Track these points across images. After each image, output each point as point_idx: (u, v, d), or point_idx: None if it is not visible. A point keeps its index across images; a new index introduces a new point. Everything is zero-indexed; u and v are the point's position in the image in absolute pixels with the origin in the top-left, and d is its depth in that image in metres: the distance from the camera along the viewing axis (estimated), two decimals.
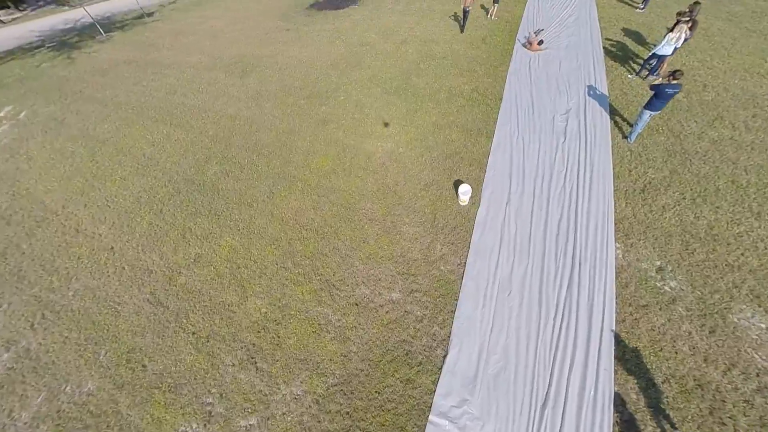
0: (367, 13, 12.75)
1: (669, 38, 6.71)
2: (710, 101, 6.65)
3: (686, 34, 6.72)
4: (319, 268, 4.78)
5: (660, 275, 4.34)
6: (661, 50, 6.91)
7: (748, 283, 4.14)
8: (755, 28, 9.11)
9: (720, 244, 4.50)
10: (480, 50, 9.35)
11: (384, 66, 9.06)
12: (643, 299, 4.15)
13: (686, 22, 6.73)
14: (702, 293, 4.14)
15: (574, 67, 8.17)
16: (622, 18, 10.52)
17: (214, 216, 5.68)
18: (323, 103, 7.90)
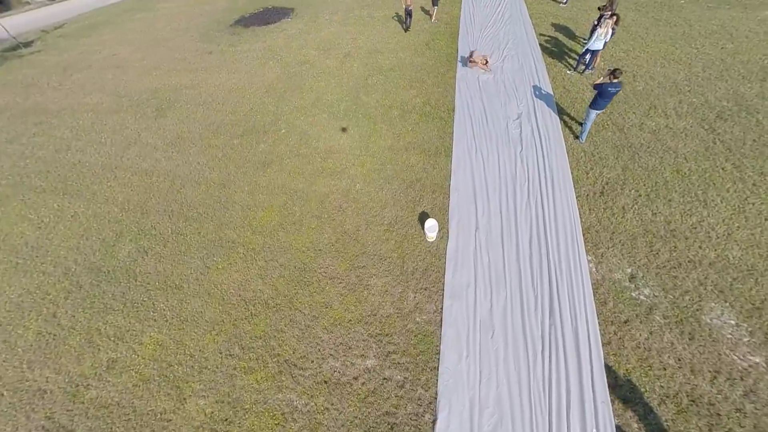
0: (303, 26, 11.94)
1: (598, 34, 7.02)
2: (642, 91, 7.08)
3: (612, 29, 7.11)
4: (274, 348, 4.12)
5: (633, 284, 4.35)
6: (593, 45, 7.23)
7: (710, 278, 4.28)
8: (660, 17, 10.03)
9: (679, 239, 4.65)
10: (425, 57, 9.15)
11: (328, 86, 8.42)
12: (623, 314, 4.10)
13: (610, 17, 7.13)
14: (674, 296, 4.21)
15: (517, 68, 8.29)
16: (549, 13, 11.04)
17: (131, 309, 4.69)
18: (261, 139, 7.02)
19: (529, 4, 11.90)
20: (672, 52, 8.24)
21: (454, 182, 5.71)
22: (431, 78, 8.25)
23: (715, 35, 8.69)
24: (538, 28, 10.23)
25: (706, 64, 7.65)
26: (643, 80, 7.37)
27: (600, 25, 7.25)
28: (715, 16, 9.63)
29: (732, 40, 8.42)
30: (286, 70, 9.33)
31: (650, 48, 8.49)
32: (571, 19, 10.52)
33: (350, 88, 8.22)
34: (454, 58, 8.98)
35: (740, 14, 9.62)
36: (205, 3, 16.32)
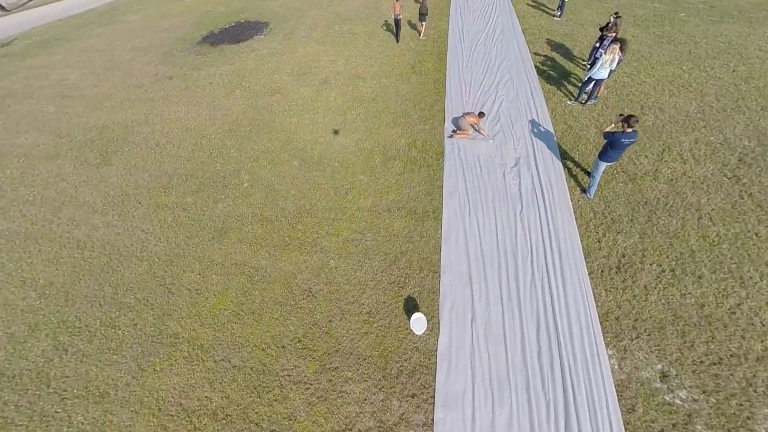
0: (277, 45, 10.90)
1: (603, 61, 6.30)
2: (652, 127, 6.35)
3: (619, 55, 6.41)
4: None
5: (666, 384, 3.62)
6: (597, 74, 6.45)
7: (760, 376, 3.58)
8: (662, 32, 9.33)
9: (716, 327, 3.94)
10: (411, 83, 8.22)
11: (301, 123, 7.43)
12: (656, 423, 3.37)
13: (616, 42, 6.42)
14: (717, 400, 3.48)
15: (512, 96, 7.44)
16: (543, 28, 10.29)
17: (39, 423, 3.79)
18: (220, 196, 6.00)
19: (521, 18, 11.18)
20: (680, 76, 7.54)
21: (445, 256, 4.85)
22: (417, 111, 7.36)
23: (724, 55, 8.04)
24: (532, 46, 9.44)
25: (719, 92, 6.99)
26: (653, 112, 6.65)
27: (604, 51, 6.51)
28: (721, 31, 9.00)
29: (743, 61, 7.79)
30: (254, 101, 8.27)
31: (656, 71, 7.78)
32: (567, 35, 9.78)
33: (326, 126, 7.27)
34: (442, 84, 8.09)
35: (747, 30, 9.03)
36: (172, 15, 15.15)
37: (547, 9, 11.62)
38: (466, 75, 8.32)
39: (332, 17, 12.65)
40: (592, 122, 6.62)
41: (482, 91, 7.76)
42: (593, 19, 10.50)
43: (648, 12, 10.72)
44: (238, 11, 14.41)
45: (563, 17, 10.73)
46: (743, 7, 10.14)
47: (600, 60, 6.31)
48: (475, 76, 8.25)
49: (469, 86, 7.95)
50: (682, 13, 10.42)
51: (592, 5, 11.58)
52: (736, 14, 9.93)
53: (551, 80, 7.95)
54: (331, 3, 14.09)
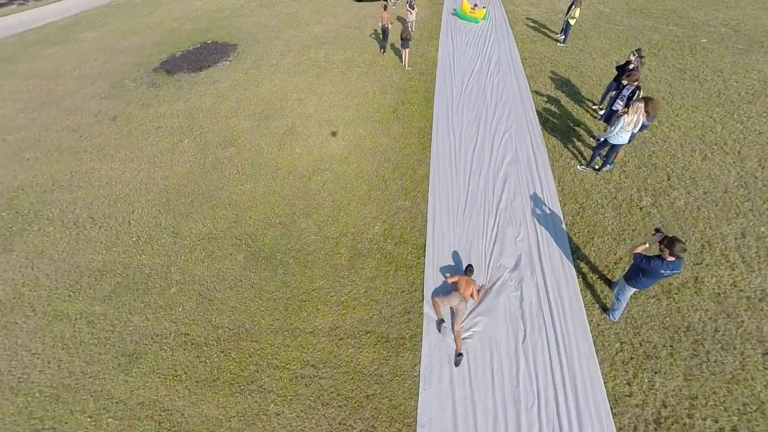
0: (241, 76, 9.46)
1: (624, 123, 5.12)
2: (684, 209, 5.09)
3: (645, 120, 5.17)
4: None
5: None
6: (615, 138, 5.16)
7: None
8: (684, 66, 8.05)
9: None
10: (392, 135, 6.86)
11: (255, 194, 6.02)
12: None
13: (641, 100, 5.06)
14: None
15: (509, 158, 6.12)
16: (545, 57, 9.02)
17: None
18: (137, 306, 4.67)
19: (520, 42, 9.95)
20: (711, 128, 6.29)
21: (424, 404, 3.59)
22: (397, 178, 6.02)
23: (762, 99, 6.76)
24: (533, 81, 8.14)
25: (763, 154, 5.78)
26: (683, 186, 5.39)
27: (626, 109, 5.18)
28: (752, 64, 7.74)
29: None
30: (203, 157, 6.84)
31: (682, 120, 6.53)
32: (574, 67, 8.48)
33: (285, 200, 5.87)
34: (427, 136, 6.78)
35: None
36: (134, 33, 13.75)
37: (550, 32, 10.38)
38: (456, 124, 7.01)
39: (308, 40, 11.29)
40: (609, 200, 5.33)
41: (476, 148, 6.42)
42: (602, 46, 9.29)
43: (664, 37, 9.56)
44: (206, 29, 13.06)
45: (567, 43, 9.59)
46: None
47: (620, 122, 5.02)
48: (466, 128, 6.91)
49: (459, 140, 6.63)
50: (703, 39, 9.28)
51: (600, 27, 10.37)
52: (765, 41, 8.81)
53: (556, 132, 6.67)
54: (310, 22, 12.75)
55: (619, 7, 11.67)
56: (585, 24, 10.57)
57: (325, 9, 13.94)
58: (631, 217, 5.12)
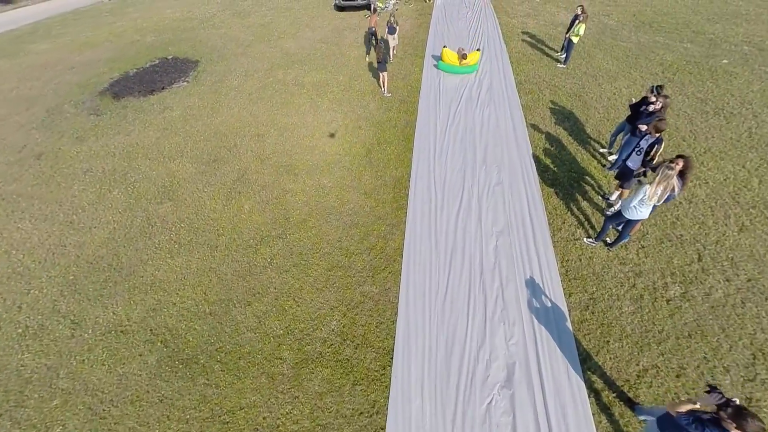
0: (196, 102, 8.21)
1: (646, 195, 3.87)
2: (723, 303, 3.96)
3: (677, 187, 3.88)
4: None
5: None
6: (633, 213, 3.98)
7: None
8: (705, 95, 6.88)
9: None
10: (361, 189, 5.64)
11: (187, 271, 4.84)
12: None
13: (670, 166, 3.69)
14: None
15: (502, 226, 4.92)
16: (544, 82, 7.84)
17: None
18: (3, 426, 3.55)
19: (515, 63, 8.77)
20: (746, 183, 5.14)
21: None
22: (365, 253, 4.83)
23: None
24: (529, 113, 6.96)
25: None
26: (719, 270, 4.23)
27: (646, 170, 4.12)
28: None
29: None
30: (131, 216, 5.60)
31: (709, 171, 5.37)
32: (577, 95, 7.29)
33: (222, 281, 4.67)
34: (404, 190, 5.57)
35: None
36: (91, 46, 12.46)
37: (548, 49, 9.24)
38: (438, 174, 5.81)
39: (278, 57, 10.07)
40: (626, 289, 4.19)
41: (461, 210, 5.21)
42: (608, 68, 8.12)
43: (679, 57, 8.46)
44: (168, 43, 11.84)
45: (569, 64, 8.46)
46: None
47: (639, 194, 3.82)
48: (451, 180, 5.70)
49: (441, 198, 5.40)
50: (724, 60, 8.21)
51: (605, 44, 9.23)
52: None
53: (557, 185, 5.48)
54: (283, 35, 11.55)
55: (626, 20, 10.64)
56: (588, 40, 9.44)
57: (302, 20, 12.77)
58: (656, 314, 4.03)
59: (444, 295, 4.37)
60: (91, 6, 18.89)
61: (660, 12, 10.98)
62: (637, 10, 11.21)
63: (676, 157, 3.91)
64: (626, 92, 7.21)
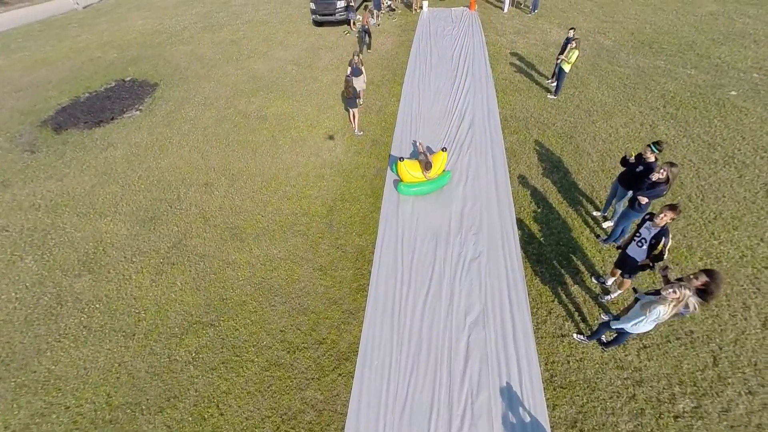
0: (145, 137, 7.18)
1: (658, 316, 2.83)
2: (746, 423, 3.29)
3: (693, 305, 2.84)
4: None
5: None
6: (636, 329, 3.06)
7: None
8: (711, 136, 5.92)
9: None
10: (316, 264, 4.70)
11: (93, 365, 3.93)
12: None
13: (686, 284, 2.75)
14: None
15: (475, 316, 4.02)
16: (532, 118, 6.82)
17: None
18: None
19: (501, 92, 7.68)
20: (766, 260, 4.27)
21: None
22: (312, 349, 3.97)
23: None
24: (515, 159, 5.95)
25: None
26: (740, 379, 3.36)
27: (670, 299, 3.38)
28: None
29: None
30: (39, 293, 4.61)
31: (719, 243, 4.44)
32: (568, 136, 6.29)
33: (133, 379, 3.78)
34: (367, 265, 4.67)
35: None
36: (47, 63, 11.23)
37: (539, 76, 8.19)
38: (407, 245, 4.83)
39: (244, 81, 9.01)
40: (624, 401, 3.29)
41: (431, 292, 4.32)
42: (603, 101, 7.13)
43: (682, 87, 7.41)
44: (130, 61, 10.76)
45: (560, 95, 7.49)
46: None
47: (651, 314, 2.85)
48: (421, 252, 4.75)
49: (408, 277, 4.48)
50: (732, 91, 7.27)
51: (600, 69, 8.19)
52: None
53: (543, 261, 4.54)
54: (253, 53, 10.46)
55: (624, 40, 9.69)
56: (583, 63, 8.45)
57: (276, 36, 11.67)
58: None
59: (403, 406, 3.50)
60: (63, 15, 17.71)
61: (660, 30, 10.06)
62: (636, 28, 10.30)
63: (700, 271, 2.98)
64: (623, 132, 6.33)
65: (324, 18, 11.23)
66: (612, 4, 12.09)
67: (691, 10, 11.15)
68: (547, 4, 12.34)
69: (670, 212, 3.28)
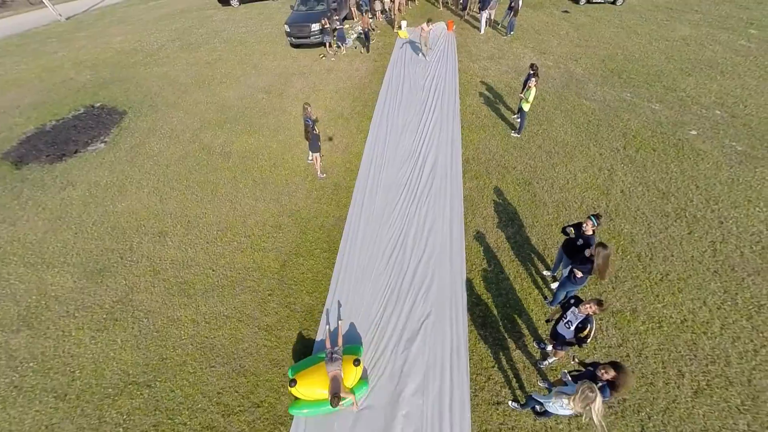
0: (105, 176, 6.77)
1: (563, 407, 2.72)
2: None
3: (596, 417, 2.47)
4: None
5: None
6: (555, 410, 2.87)
7: None
8: (667, 183, 5.68)
9: None
10: (262, 324, 4.44)
11: (19, 424, 3.91)
12: None
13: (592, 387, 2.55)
14: None
15: (416, 385, 3.83)
16: (493, 161, 6.52)
17: None
18: None
19: (466, 129, 7.38)
20: (707, 327, 4.06)
21: None
22: (246, 414, 3.77)
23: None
24: (472, 208, 5.70)
25: None
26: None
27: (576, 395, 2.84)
28: (755, 189, 5.43)
29: None
30: None
31: (666, 307, 4.28)
32: (527, 182, 6.01)
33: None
34: (315, 323, 4.45)
35: None
36: (15, 84, 10.66)
37: (505, 109, 7.82)
38: (356, 301, 4.63)
39: (213, 110, 8.60)
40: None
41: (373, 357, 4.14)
42: (566, 140, 6.86)
43: (644, 124, 7.08)
44: (102, 84, 10.22)
45: (523, 134, 7.19)
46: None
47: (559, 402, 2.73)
48: (369, 309, 4.57)
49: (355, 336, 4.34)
50: (692, 131, 6.95)
51: (567, 102, 7.88)
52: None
53: (488, 326, 4.32)
54: (226, 78, 10.01)
55: (594, 68, 9.40)
56: (550, 95, 8.17)
57: (252, 57, 11.19)
58: None
59: None
60: (44, 27, 16.98)
61: (631, 58, 9.79)
62: (608, 55, 10.02)
63: (608, 365, 2.84)
64: (581, 178, 6.08)
65: (299, 41, 10.84)
66: (588, 26, 11.81)
67: (664, 34, 10.92)
68: (524, 25, 12.02)
69: (595, 306, 3.12)
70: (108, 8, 19.76)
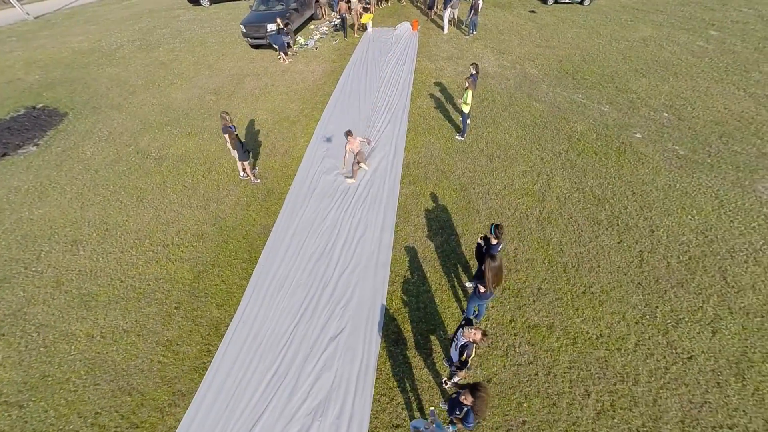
0: (30, 181, 6.22)
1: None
2: None
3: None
4: None
5: None
6: None
7: None
8: (603, 189, 5.33)
9: None
10: (160, 338, 4.09)
11: None
12: None
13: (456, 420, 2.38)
14: None
15: (313, 426, 3.47)
16: (433, 165, 6.10)
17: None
18: None
19: (412, 131, 6.96)
20: (622, 343, 3.76)
21: None
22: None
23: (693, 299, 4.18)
24: (404, 217, 5.31)
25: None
26: None
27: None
28: (689, 198, 5.09)
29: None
30: None
31: (584, 321, 3.95)
32: (463, 188, 5.60)
33: None
34: (220, 337, 4.07)
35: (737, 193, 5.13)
36: None
37: (454, 111, 7.35)
38: (264, 314, 4.23)
39: (157, 112, 8.00)
40: None
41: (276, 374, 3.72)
42: (509, 143, 6.44)
43: (590, 127, 6.69)
44: (49, 84, 9.54)
45: (467, 136, 6.73)
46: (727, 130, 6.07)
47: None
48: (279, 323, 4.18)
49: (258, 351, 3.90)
50: (637, 134, 6.58)
51: (517, 103, 7.46)
52: (713, 143, 5.96)
53: (400, 343, 3.96)
54: (178, 78, 9.40)
55: (550, 68, 8.96)
56: (501, 96, 7.73)
57: (209, 58, 10.52)
58: None
59: None
60: (9, 26, 15.98)
61: (588, 58, 9.41)
62: (566, 55, 9.62)
63: (467, 390, 2.46)
64: (518, 183, 5.69)
65: (256, 42, 10.27)
66: (552, 26, 11.38)
67: (626, 35, 10.55)
68: (488, 25, 11.55)
69: (479, 335, 2.78)
70: (79, 8, 18.74)
